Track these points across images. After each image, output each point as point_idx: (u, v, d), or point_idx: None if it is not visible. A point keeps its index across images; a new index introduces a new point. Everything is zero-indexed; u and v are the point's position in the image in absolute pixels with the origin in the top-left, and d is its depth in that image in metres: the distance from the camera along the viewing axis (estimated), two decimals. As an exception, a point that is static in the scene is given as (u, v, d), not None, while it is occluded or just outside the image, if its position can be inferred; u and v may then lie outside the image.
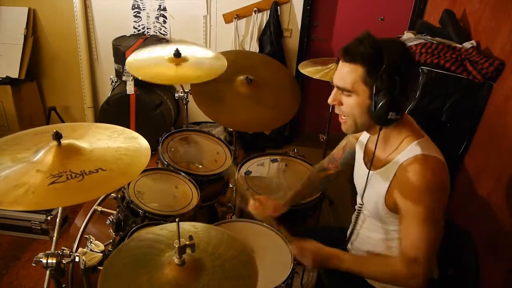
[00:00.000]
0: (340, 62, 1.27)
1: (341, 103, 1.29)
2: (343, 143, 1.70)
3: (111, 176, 1.11)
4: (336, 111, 1.34)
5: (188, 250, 1.00)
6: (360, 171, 1.48)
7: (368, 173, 1.39)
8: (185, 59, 2.08)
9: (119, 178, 1.12)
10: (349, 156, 1.66)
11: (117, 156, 1.19)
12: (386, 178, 1.30)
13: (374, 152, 1.35)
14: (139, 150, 1.24)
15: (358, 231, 1.54)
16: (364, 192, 1.44)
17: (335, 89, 1.31)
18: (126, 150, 1.23)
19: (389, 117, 1.19)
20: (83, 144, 1.20)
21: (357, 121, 1.29)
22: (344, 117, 1.32)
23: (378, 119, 1.22)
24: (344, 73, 1.24)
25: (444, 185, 1.22)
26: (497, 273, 1.73)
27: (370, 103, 1.21)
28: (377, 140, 1.31)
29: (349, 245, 1.62)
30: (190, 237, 1.00)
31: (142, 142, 1.28)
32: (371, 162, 1.37)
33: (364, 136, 1.50)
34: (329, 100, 1.32)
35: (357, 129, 1.33)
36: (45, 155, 1.12)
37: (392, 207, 1.30)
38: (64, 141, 1.15)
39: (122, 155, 1.20)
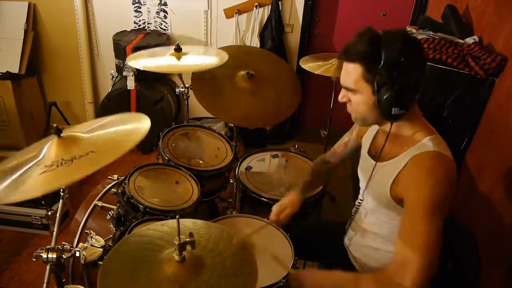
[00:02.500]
0: (344, 61, 1.27)
1: (350, 100, 1.30)
2: (345, 139, 1.70)
3: (98, 156, 1.08)
4: (348, 108, 1.34)
5: (188, 247, 0.99)
6: (365, 164, 1.47)
7: (375, 165, 1.37)
8: (186, 53, 2.08)
9: (104, 156, 1.08)
10: (351, 152, 1.68)
11: (110, 138, 1.18)
12: (394, 169, 1.28)
13: (384, 144, 1.33)
14: (136, 129, 1.22)
15: (358, 225, 1.53)
16: (367, 185, 1.43)
17: (343, 88, 1.31)
18: (123, 131, 1.22)
19: (392, 113, 1.19)
20: (83, 134, 1.18)
21: (365, 116, 1.29)
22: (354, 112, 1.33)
23: (385, 114, 1.21)
24: (346, 73, 1.25)
25: (452, 185, 1.20)
26: (498, 269, 1.73)
27: (375, 99, 1.21)
28: (389, 133, 1.29)
29: (346, 240, 1.61)
30: (191, 234, 1.00)
31: (143, 122, 1.28)
32: (379, 154, 1.36)
33: (372, 130, 1.49)
34: (339, 98, 1.33)
35: (367, 124, 1.36)
36: (48, 151, 1.11)
37: (398, 199, 1.28)
38: (64, 134, 1.14)
39: (116, 135, 1.19)
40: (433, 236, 1.14)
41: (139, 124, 1.25)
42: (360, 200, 1.52)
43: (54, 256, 1.17)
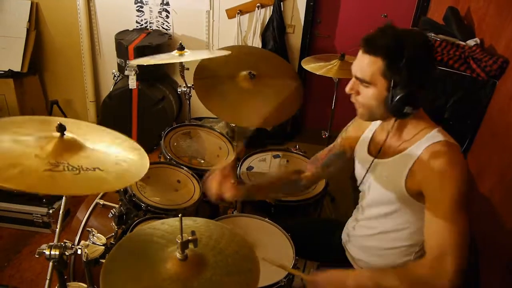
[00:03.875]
0: (361, 52, 1.24)
1: (358, 93, 1.28)
2: (331, 145, 1.67)
3: (107, 178, 1.08)
4: (352, 99, 1.32)
5: (191, 245, 1.00)
6: (364, 164, 1.46)
7: (376, 162, 1.38)
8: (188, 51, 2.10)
9: (114, 181, 1.09)
10: (334, 157, 1.62)
11: (116, 161, 1.17)
12: (406, 162, 1.26)
13: (386, 140, 1.34)
14: (138, 161, 1.21)
15: (358, 223, 1.54)
16: (370, 184, 1.43)
17: (353, 79, 1.29)
18: (125, 158, 1.20)
19: (405, 111, 1.20)
20: (85, 142, 1.18)
21: (373, 111, 1.29)
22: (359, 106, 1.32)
23: (395, 112, 1.22)
24: (364, 64, 1.22)
25: (467, 172, 1.19)
26: (496, 271, 1.74)
27: (387, 95, 1.21)
28: (391, 130, 1.31)
29: (345, 237, 1.61)
30: (193, 233, 1.00)
31: (142, 154, 1.26)
32: (379, 150, 1.37)
33: (367, 132, 1.49)
34: (347, 89, 1.30)
35: (372, 118, 1.34)
36: (46, 144, 1.10)
37: (416, 192, 1.26)
38: (67, 134, 1.14)
39: (122, 161, 1.18)
40: (464, 230, 1.13)
41: (139, 160, 1.23)
42: (360, 200, 1.53)
43: (57, 253, 1.17)
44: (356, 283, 1.20)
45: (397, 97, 1.18)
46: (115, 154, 1.20)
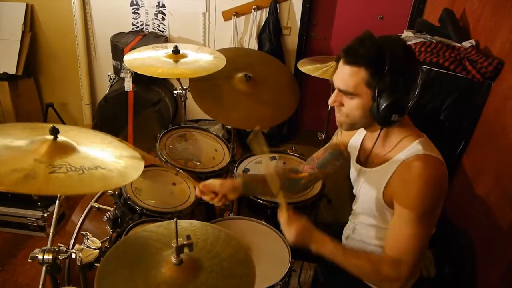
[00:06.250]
0: (341, 63, 1.23)
1: (342, 104, 1.26)
2: (327, 145, 1.65)
3: (111, 175, 1.09)
4: (337, 112, 1.30)
5: (186, 249, 0.99)
6: (355, 172, 1.48)
7: (365, 171, 1.39)
8: (183, 56, 2.08)
9: (118, 177, 1.11)
10: (330, 157, 1.59)
11: (114, 160, 1.18)
12: (385, 174, 1.28)
13: (372, 150, 1.35)
14: (132, 157, 1.23)
15: (354, 227, 1.54)
16: (359, 191, 1.44)
17: (336, 91, 1.27)
18: (120, 156, 1.22)
19: (392, 119, 1.19)
20: (77, 145, 1.18)
21: (355, 121, 1.27)
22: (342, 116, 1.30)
23: (381, 120, 1.20)
24: (346, 76, 1.20)
25: (443, 187, 1.21)
26: (493, 272, 1.74)
27: (372, 105, 1.20)
28: (377, 139, 1.30)
29: (343, 240, 1.61)
30: (188, 237, 1.00)
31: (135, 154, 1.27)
32: (367, 159, 1.38)
33: (356, 138, 1.49)
34: (330, 102, 1.29)
35: (353, 128, 1.33)
36: (40, 147, 1.09)
37: (390, 203, 1.29)
38: (60, 138, 1.13)
39: (119, 158, 1.20)
40: (421, 239, 1.20)
41: (135, 163, 1.24)
42: (354, 205, 1.54)
43: (50, 257, 1.16)
44: (318, 251, 1.29)
45: (384, 106, 1.17)
46: (110, 154, 1.20)
